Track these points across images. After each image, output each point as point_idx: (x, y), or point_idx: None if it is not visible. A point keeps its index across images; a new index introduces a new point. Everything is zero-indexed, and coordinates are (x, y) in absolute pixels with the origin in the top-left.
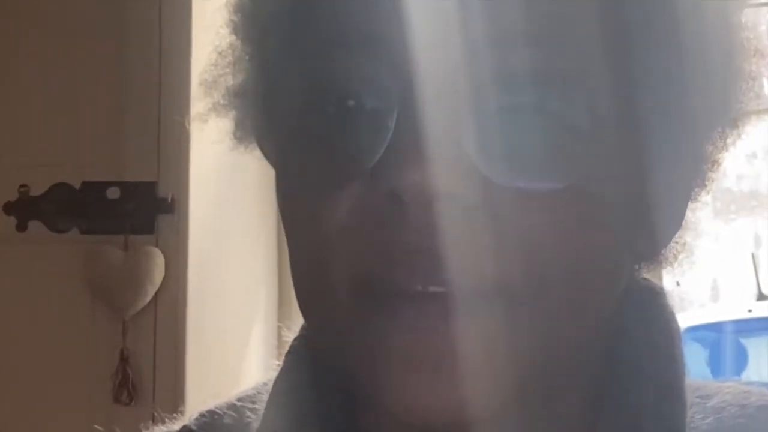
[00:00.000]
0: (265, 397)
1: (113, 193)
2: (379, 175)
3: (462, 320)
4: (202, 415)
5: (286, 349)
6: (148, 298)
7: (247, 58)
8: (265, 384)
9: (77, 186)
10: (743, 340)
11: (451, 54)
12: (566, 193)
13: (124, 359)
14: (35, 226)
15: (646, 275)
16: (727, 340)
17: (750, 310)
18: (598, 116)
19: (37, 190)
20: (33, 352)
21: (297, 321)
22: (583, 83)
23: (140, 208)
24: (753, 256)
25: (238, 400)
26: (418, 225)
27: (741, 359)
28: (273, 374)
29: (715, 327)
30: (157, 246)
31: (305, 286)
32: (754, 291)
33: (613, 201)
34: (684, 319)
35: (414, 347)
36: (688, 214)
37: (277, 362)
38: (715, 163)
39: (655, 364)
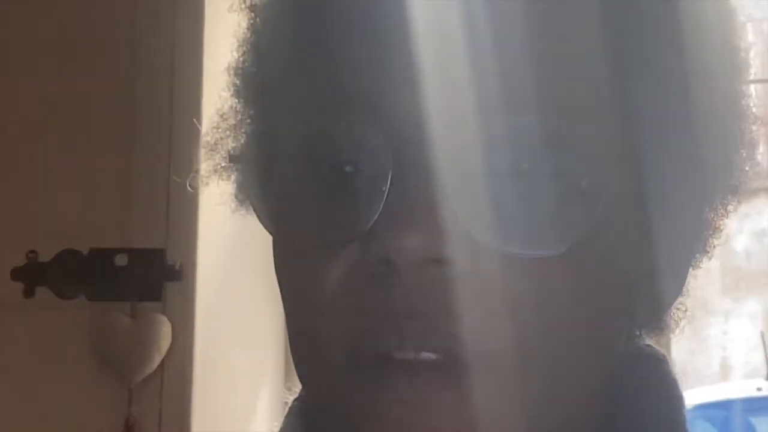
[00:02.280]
0: None
1: (121, 260)
2: (372, 240)
3: (455, 391)
4: None
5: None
6: (155, 366)
7: (248, 121)
8: None
9: (85, 252)
10: (752, 419)
11: (446, 121)
12: (561, 260)
13: (129, 427)
14: (42, 292)
15: (650, 342)
16: (736, 418)
17: (759, 389)
18: (598, 183)
19: (45, 256)
20: (38, 417)
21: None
22: (584, 150)
23: (148, 276)
24: (762, 334)
25: None
26: (411, 290)
27: None
28: None
29: (725, 405)
30: (164, 313)
31: (300, 351)
32: (764, 370)
33: (611, 267)
34: (693, 397)
35: (406, 420)
36: (690, 280)
37: (278, 424)
38: (717, 229)
39: None
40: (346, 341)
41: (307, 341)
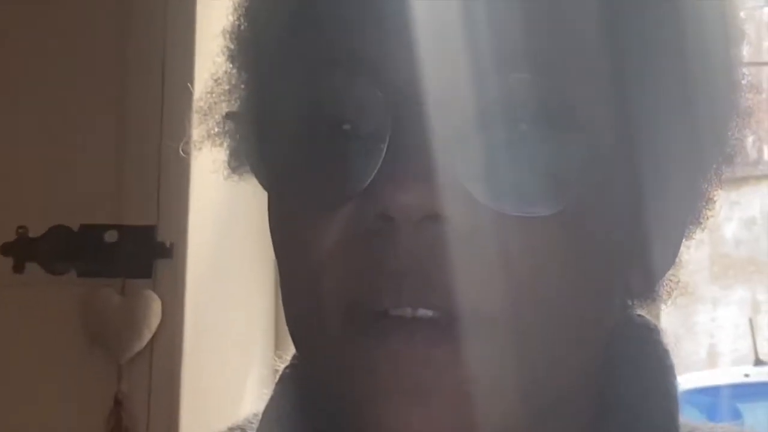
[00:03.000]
0: (256, 425)
1: (111, 236)
2: (370, 197)
3: (451, 347)
4: None
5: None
6: (144, 343)
7: (242, 85)
8: (256, 415)
9: (76, 228)
10: (740, 405)
11: (444, 78)
12: (557, 221)
13: (118, 403)
14: (32, 268)
15: (641, 312)
16: (723, 404)
17: (747, 375)
18: (594, 146)
19: (35, 232)
20: (26, 393)
21: (291, 354)
22: (579, 112)
23: (138, 252)
24: (751, 321)
25: (229, 429)
26: (407, 247)
27: (737, 424)
28: (264, 404)
29: (712, 392)
30: (154, 290)
31: (296, 311)
32: (752, 356)
33: (606, 232)
34: (681, 383)
35: (403, 376)
36: (683, 251)
37: (268, 391)
38: (710, 200)
39: (649, 401)
40: (342, 299)
41: (302, 300)
